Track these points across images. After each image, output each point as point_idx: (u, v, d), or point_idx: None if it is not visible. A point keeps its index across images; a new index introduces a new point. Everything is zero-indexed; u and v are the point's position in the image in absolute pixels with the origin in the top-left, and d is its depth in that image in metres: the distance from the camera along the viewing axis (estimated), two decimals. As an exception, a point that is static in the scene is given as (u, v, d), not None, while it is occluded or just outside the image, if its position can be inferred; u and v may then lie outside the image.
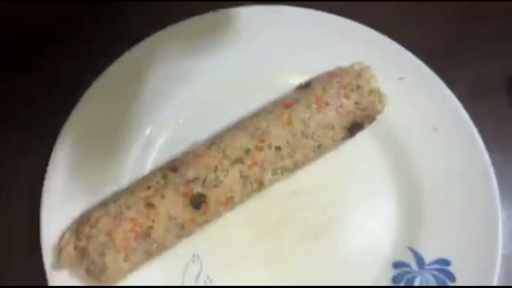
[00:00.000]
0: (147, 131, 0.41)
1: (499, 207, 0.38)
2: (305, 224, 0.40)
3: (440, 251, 0.38)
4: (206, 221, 0.37)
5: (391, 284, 0.38)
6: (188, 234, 0.37)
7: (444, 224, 0.39)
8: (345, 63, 0.41)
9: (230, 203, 0.37)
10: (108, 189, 0.39)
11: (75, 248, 0.34)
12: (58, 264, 0.35)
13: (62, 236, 0.35)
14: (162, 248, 0.36)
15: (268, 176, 0.38)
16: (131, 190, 0.36)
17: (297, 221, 0.40)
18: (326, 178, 0.41)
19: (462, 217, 0.39)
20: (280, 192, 0.40)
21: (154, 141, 0.41)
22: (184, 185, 0.36)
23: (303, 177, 0.40)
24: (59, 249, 0.35)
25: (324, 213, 0.40)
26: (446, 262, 0.37)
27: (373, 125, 0.41)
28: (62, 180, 0.38)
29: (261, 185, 0.38)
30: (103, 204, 0.36)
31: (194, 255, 0.39)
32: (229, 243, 0.39)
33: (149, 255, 0.36)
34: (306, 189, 0.41)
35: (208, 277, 0.38)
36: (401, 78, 0.42)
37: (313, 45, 0.43)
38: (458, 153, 0.40)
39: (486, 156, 0.39)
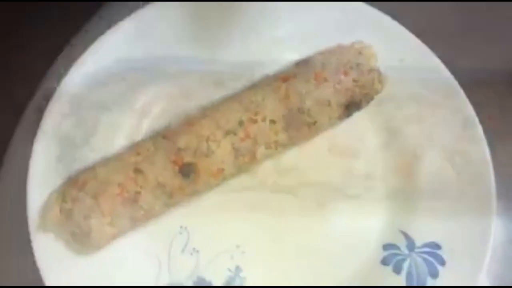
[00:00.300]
0: (142, 101, 0.41)
1: (494, 194, 0.37)
2: (296, 201, 0.39)
3: (431, 235, 0.38)
4: (196, 192, 0.37)
5: (381, 266, 0.38)
6: (177, 203, 0.37)
7: (437, 208, 0.38)
8: (347, 41, 0.41)
9: (221, 174, 0.37)
10: (100, 157, 0.38)
11: (61, 210, 0.34)
12: (43, 226, 0.35)
13: (49, 198, 0.35)
14: (149, 215, 0.35)
15: (261, 149, 0.37)
16: (120, 155, 0.36)
17: (288, 198, 0.39)
18: (320, 157, 0.41)
19: (456, 202, 0.38)
20: (272, 168, 0.40)
21: (149, 110, 0.41)
22: (175, 153, 0.35)
23: (297, 155, 0.40)
24: (44, 211, 0.35)
25: (316, 191, 0.40)
26: (437, 246, 0.37)
27: (370, 105, 0.40)
28: (52, 145, 0.38)
29: (253, 158, 0.37)
30: (92, 168, 0.36)
31: (181, 227, 0.38)
32: (217, 217, 0.39)
33: (135, 222, 0.35)
34: (299, 167, 0.40)
35: (194, 249, 0.38)
36: (401, 60, 0.41)
37: (315, 23, 0.42)
38: (455, 137, 0.39)
39: (483, 141, 0.39)
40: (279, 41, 0.42)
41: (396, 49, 0.41)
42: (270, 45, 0.42)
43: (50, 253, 0.35)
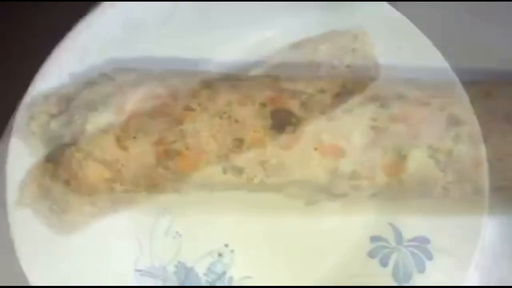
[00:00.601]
0: (130, 101, 0.39)
1: (485, 192, 0.36)
2: (284, 200, 0.38)
3: (420, 229, 0.37)
4: (180, 175, 0.36)
5: (367, 258, 0.37)
6: (160, 186, 0.36)
7: (425, 205, 0.37)
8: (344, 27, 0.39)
9: (206, 158, 0.35)
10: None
11: (39, 185, 0.33)
12: (20, 201, 0.34)
13: (28, 173, 0.34)
14: (131, 196, 0.35)
15: (249, 133, 0.36)
16: (103, 132, 0.35)
17: (276, 196, 0.38)
18: (306, 156, 0.38)
19: (444, 200, 0.37)
20: (259, 166, 0.37)
21: (137, 110, 0.39)
22: (159, 134, 0.34)
23: (283, 154, 0.37)
24: (22, 186, 0.34)
25: (303, 190, 0.38)
26: (426, 240, 0.36)
27: (357, 105, 0.37)
28: (40, 144, 0.36)
29: (240, 142, 0.36)
30: (72, 144, 0.34)
31: (165, 209, 0.37)
32: (202, 202, 0.38)
33: (116, 202, 0.34)
34: (286, 166, 0.38)
35: (177, 232, 0.37)
36: (399, 48, 0.40)
37: (312, 6, 0.41)
38: (450, 130, 0.38)
39: (479, 136, 0.37)
40: (269, 41, 0.41)
41: (393, 36, 0.40)
42: (260, 45, 0.41)
43: (27, 232, 0.34)
